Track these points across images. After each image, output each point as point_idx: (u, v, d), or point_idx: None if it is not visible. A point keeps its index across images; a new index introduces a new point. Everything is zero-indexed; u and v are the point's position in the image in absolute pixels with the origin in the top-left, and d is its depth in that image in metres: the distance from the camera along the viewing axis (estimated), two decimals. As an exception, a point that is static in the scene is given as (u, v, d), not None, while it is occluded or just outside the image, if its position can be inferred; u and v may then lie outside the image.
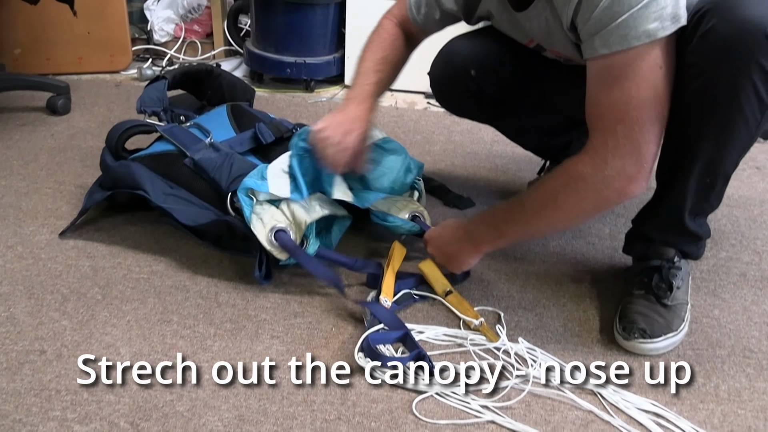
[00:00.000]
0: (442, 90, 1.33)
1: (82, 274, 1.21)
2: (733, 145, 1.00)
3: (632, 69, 0.92)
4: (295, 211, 1.18)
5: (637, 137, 0.94)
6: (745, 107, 0.94)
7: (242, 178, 1.22)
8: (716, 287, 1.27)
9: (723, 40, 0.91)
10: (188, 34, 2.51)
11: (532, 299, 1.21)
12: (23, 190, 1.49)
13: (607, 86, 0.95)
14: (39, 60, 2.24)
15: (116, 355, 1.02)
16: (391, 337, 1.05)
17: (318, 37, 2.25)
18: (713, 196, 1.08)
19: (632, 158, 0.95)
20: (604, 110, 0.96)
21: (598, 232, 1.44)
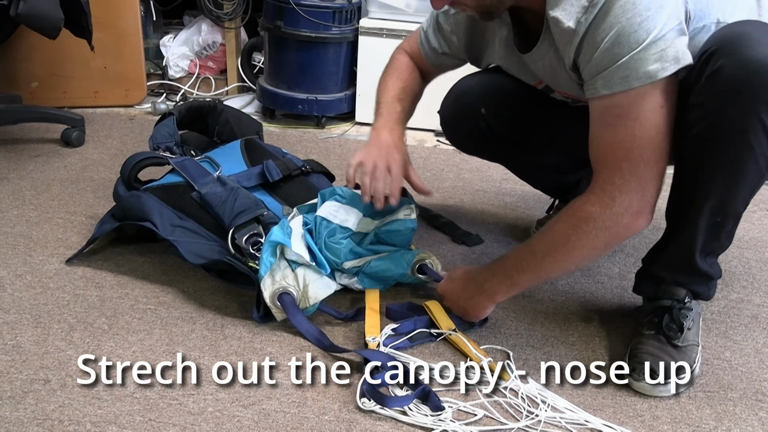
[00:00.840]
0: (451, 128, 1.34)
1: (90, 304, 1.21)
2: (743, 184, 1.00)
3: (634, 109, 0.94)
4: (310, 283, 1.17)
5: (642, 174, 0.96)
6: (755, 146, 0.94)
7: (244, 214, 1.24)
8: (727, 329, 1.26)
9: (731, 80, 0.91)
10: (202, 70, 2.55)
11: (541, 338, 1.19)
12: (35, 219, 1.50)
13: (610, 125, 0.97)
14: (55, 93, 2.28)
15: (120, 386, 1.01)
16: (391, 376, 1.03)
17: (330, 75, 2.28)
18: (724, 235, 1.08)
19: (638, 194, 0.96)
20: (609, 149, 0.97)
21: (607, 271, 1.43)
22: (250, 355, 1.10)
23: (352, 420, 0.97)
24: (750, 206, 1.66)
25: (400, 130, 1.25)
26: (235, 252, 1.23)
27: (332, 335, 1.14)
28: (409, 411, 0.98)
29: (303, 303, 1.17)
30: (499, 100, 1.26)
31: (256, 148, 1.51)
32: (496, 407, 1.01)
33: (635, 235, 1.23)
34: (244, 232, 1.23)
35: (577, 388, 1.07)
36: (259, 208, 1.26)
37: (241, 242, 1.22)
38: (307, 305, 1.17)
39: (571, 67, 1.00)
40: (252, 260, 1.20)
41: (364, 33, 2.26)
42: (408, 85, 1.28)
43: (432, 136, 2.27)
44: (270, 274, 1.15)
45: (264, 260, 1.15)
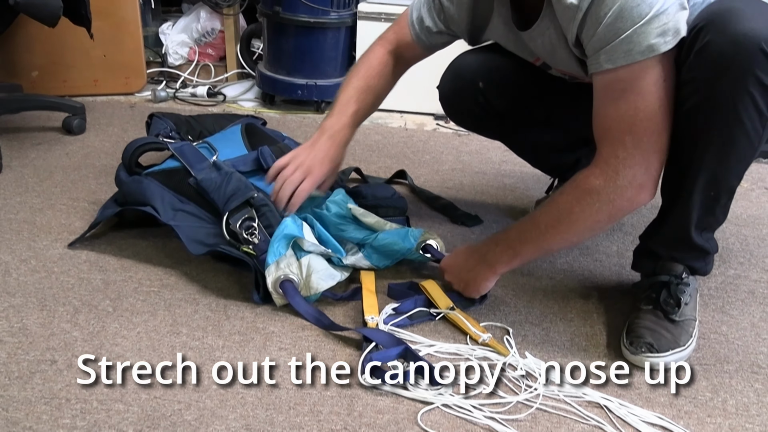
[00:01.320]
0: (450, 103, 1.35)
1: (94, 287, 1.23)
2: (735, 158, 1.01)
3: (637, 83, 0.95)
4: (313, 273, 1.18)
5: (645, 147, 0.97)
6: (745, 120, 0.95)
7: (235, 198, 1.25)
8: (724, 304, 1.27)
9: (719, 55, 0.92)
10: (202, 57, 2.55)
11: (540, 314, 1.21)
12: (38, 206, 1.52)
13: (613, 99, 0.97)
14: (55, 82, 2.29)
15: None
16: (392, 354, 1.05)
17: (329, 60, 2.28)
18: (719, 210, 1.09)
19: (642, 167, 0.98)
20: (612, 123, 0.98)
21: (605, 250, 1.44)
22: (252, 334, 1.12)
23: (354, 395, 0.99)
24: (748, 184, 1.68)
25: (344, 135, 1.27)
26: (230, 238, 1.24)
27: (332, 316, 1.16)
28: (409, 386, 1.00)
29: (305, 292, 1.18)
30: (498, 75, 1.27)
31: (257, 133, 1.52)
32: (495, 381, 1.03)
33: (635, 212, 1.25)
34: (238, 217, 1.24)
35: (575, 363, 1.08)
36: (250, 191, 1.27)
37: (235, 227, 1.23)
38: (308, 294, 1.18)
39: (574, 43, 1.01)
40: (246, 245, 1.22)
41: (363, 17, 2.26)
42: (372, 83, 1.28)
43: (431, 120, 2.28)
44: (276, 262, 1.17)
45: (274, 250, 1.17)
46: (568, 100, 1.24)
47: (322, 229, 1.25)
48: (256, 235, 1.22)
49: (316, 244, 1.20)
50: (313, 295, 1.19)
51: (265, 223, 1.24)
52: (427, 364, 1.01)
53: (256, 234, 1.22)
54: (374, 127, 2.20)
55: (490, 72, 1.27)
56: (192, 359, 1.05)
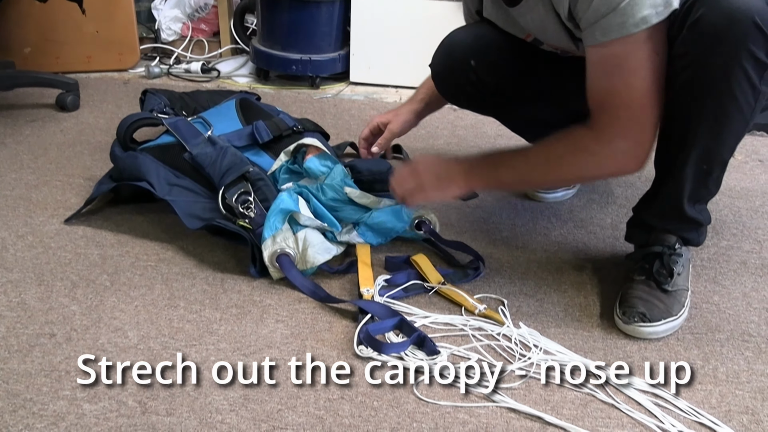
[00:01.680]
0: (442, 80, 1.34)
1: (91, 262, 1.23)
2: (728, 131, 1.01)
3: (631, 59, 0.96)
4: (309, 247, 1.19)
5: (639, 120, 1.00)
6: (738, 94, 0.96)
7: (231, 172, 1.26)
8: (717, 274, 1.28)
9: (712, 29, 0.93)
10: (195, 32, 2.54)
11: (534, 286, 1.22)
12: (33, 182, 1.52)
13: (608, 74, 0.99)
14: (48, 59, 2.28)
15: (124, 338, 1.04)
16: (387, 325, 1.07)
17: (323, 35, 2.27)
18: (711, 182, 1.10)
19: (635, 139, 1.01)
20: (607, 97, 1.00)
21: (600, 222, 1.45)
22: (249, 307, 1.13)
23: (351, 366, 1.00)
24: (741, 157, 1.69)
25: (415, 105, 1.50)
26: (226, 212, 1.24)
27: (328, 288, 1.17)
28: (405, 356, 1.01)
29: (301, 265, 1.19)
30: (489, 52, 1.26)
31: (251, 108, 1.52)
32: (490, 351, 1.04)
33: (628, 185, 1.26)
34: (234, 191, 1.25)
35: (569, 332, 1.10)
36: (245, 165, 1.28)
37: (231, 202, 1.24)
38: (305, 268, 1.19)
39: (567, 17, 1.01)
40: (242, 219, 1.22)
41: (357, -8, 2.25)
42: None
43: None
44: (272, 236, 1.17)
45: (271, 224, 1.18)
46: (560, 76, 1.24)
47: (318, 203, 1.25)
48: (252, 209, 1.23)
49: (312, 218, 1.21)
50: (309, 269, 1.20)
51: (261, 197, 1.25)
52: (424, 337, 1.02)
53: (252, 208, 1.23)
54: (370, 102, 2.19)
55: (481, 49, 1.27)
56: (190, 332, 1.06)
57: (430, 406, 0.93)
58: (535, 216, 1.47)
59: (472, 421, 0.91)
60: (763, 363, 1.05)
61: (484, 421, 0.91)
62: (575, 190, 1.56)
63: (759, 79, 0.95)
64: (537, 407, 0.93)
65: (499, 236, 1.39)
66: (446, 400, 0.94)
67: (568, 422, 0.91)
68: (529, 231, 1.41)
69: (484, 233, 1.39)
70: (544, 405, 0.95)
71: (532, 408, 0.93)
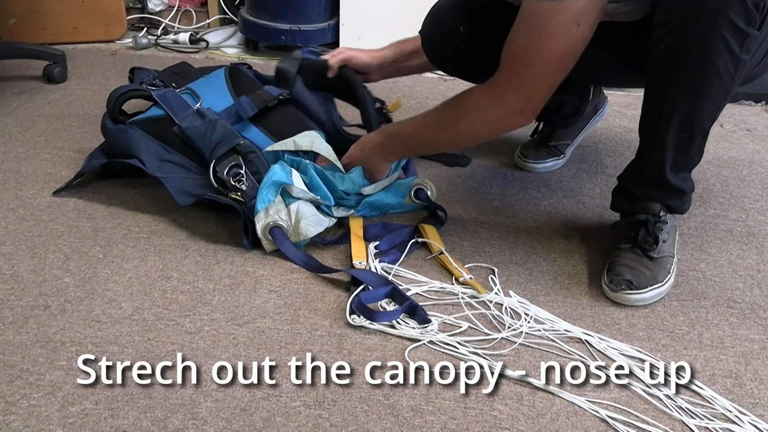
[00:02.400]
0: (432, 48, 1.34)
1: (83, 234, 1.24)
2: (708, 99, 1.02)
3: (551, 22, 0.99)
4: (302, 219, 1.19)
5: (536, 81, 1.05)
6: (718, 62, 0.96)
7: (221, 145, 1.26)
8: (703, 242, 1.30)
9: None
10: (183, 2, 2.50)
11: (523, 255, 1.24)
12: (23, 155, 1.51)
13: (526, 31, 1.03)
14: (34, 30, 2.24)
15: (118, 309, 1.05)
16: (379, 294, 1.08)
17: (312, 4, 2.24)
18: (693, 150, 1.11)
19: (525, 98, 1.07)
20: (517, 51, 1.05)
21: (588, 192, 1.47)
22: (242, 278, 1.14)
23: (343, 334, 1.02)
24: (729, 126, 1.70)
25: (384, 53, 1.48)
26: (218, 185, 1.25)
27: (320, 259, 1.18)
28: (397, 324, 1.03)
29: (293, 237, 1.20)
30: (477, 18, 1.26)
31: (241, 77, 1.50)
32: (481, 319, 1.06)
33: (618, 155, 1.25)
34: (225, 164, 1.25)
35: (557, 300, 1.11)
36: (236, 138, 1.27)
37: (222, 175, 1.24)
38: (297, 240, 1.20)
39: None
40: (234, 192, 1.22)
41: (346, -40, 2.22)
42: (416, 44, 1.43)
43: (417, 65, 2.26)
44: (265, 209, 1.18)
45: (263, 197, 1.18)
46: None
47: (315, 175, 1.25)
48: (244, 181, 1.23)
49: (305, 191, 1.21)
50: (302, 241, 1.20)
51: (253, 170, 1.25)
52: (416, 306, 1.04)
53: (244, 181, 1.23)
54: (359, 72, 2.18)
55: (469, 16, 1.26)
56: (183, 303, 1.07)
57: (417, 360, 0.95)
58: (525, 186, 1.48)
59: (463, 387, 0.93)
60: (747, 328, 1.07)
61: (489, 403, 0.93)
62: (564, 160, 1.57)
63: (739, 47, 0.96)
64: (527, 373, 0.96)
65: (490, 206, 1.40)
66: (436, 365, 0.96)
67: (557, 387, 0.93)
68: (519, 201, 1.42)
69: (475, 203, 1.40)
70: (534, 370, 0.97)
71: (522, 372, 0.95)
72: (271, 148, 1.29)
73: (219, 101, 1.42)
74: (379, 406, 0.90)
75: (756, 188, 1.52)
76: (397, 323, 1.03)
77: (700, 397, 0.94)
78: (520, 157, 1.56)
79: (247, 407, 0.88)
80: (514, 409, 0.90)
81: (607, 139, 1.73)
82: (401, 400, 0.91)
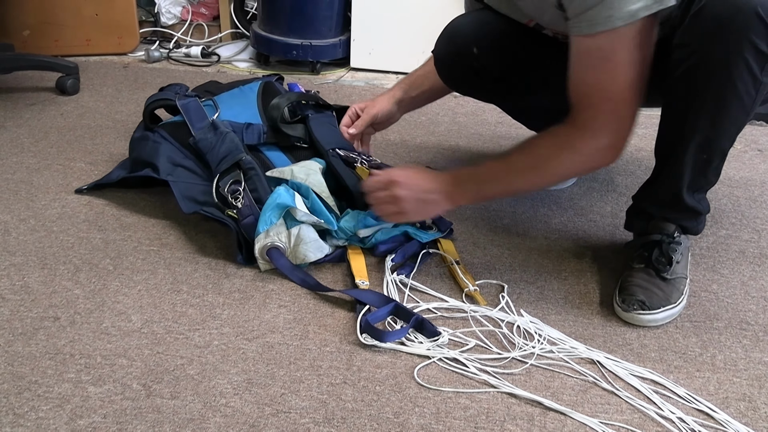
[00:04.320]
0: (445, 68, 1.34)
1: (94, 246, 1.24)
2: (728, 121, 1.02)
3: (617, 52, 0.96)
4: (301, 244, 1.18)
5: (621, 114, 1.01)
6: (739, 85, 0.96)
7: (226, 160, 1.26)
8: (715, 263, 1.29)
9: (715, 19, 0.93)
10: (195, 16, 2.52)
11: (534, 273, 1.23)
12: (34, 166, 1.52)
13: (592, 67, 1.00)
14: (47, 42, 2.27)
15: (128, 322, 1.05)
16: (383, 313, 1.06)
17: (324, 20, 2.26)
18: (711, 171, 1.10)
19: (618, 133, 1.03)
20: (591, 89, 1.01)
21: (599, 210, 1.46)
22: (252, 292, 1.13)
23: (353, 351, 1.01)
24: (741, 146, 1.69)
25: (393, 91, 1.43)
26: (218, 201, 1.24)
27: (321, 279, 1.17)
28: (406, 341, 1.02)
29: (291, 259, 1.18)
30: (492, 39, 1.26)
31: (273, 93, 1.50)
32: (491, 338, 1.05)
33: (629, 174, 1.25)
34: (227, 180, 1.25)
35: (569, 319, 1.11)
36: (239, 152, 1.27)
37: (224, 191, 1.24)
38: (295, 262, 1.19)
39: (556, 4, 1.02)
40: (230, 209, 1.22)
41: (358, -24, 2.24)
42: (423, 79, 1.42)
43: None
44: (266, 231, 1.17)
45: (266, 218, 1.17)
46: (563, 63, 1.24)
47: (317, 198, 1.23)
48: (241, 199, 1.22)
49: (308, 214, 1.19)
50: (301, 264, 1.19)
51: (251, 187, 1.24)
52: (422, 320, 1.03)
53: (241, 198, 1.22)
54: (370, 88, 2.19)
55: (484, 37, 1.27)
56: (193, 316, 1.07)
57: (432, 391, 0.94)
58: (535, 204, 1.48)
59: (473, 406, 0.92)
60: (761, 351, 1.06)
61: (485, 406, 0.92)
62: (575, 178, 1.57)
63: (760, 70, 0.96)
64: (538, 393, 0.95)
65: (500, 223, 1.39)
66: (447, 385, 0.95)
67: (568, 407, 0.92)
68: (530, 218, 1.42)
69: (485, 220, 1.40)
70: (545, 391, 0.96)
71: (533, 393, 0.94)
72: (271, 174, 1.27)
73: (244, 113, 1.42)
74: (389, 424, 0.89)
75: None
76: (407, 339, 1.02)
77: (714, 420, 0.92)
78: (530, 175, 1.56)
79: (255, 423, 0.88)
80: (525, 429, 0.89)
81: (617, 157, 1.72)
82: (411, 418, 0.90)
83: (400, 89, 1.43)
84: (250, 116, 1.42)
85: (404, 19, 2.27)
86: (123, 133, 1.69)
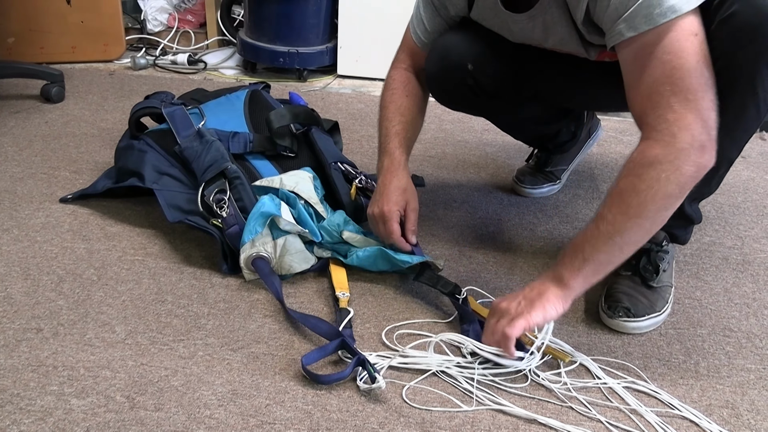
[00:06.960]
0: (438, 85, 1.30)
1: (78, 256, 1.23)
2: (743, 129, 1.02)
3: (667, 43, 0.90)
4: (287, 254, 1.18)
5: (694, 104, 0.89)
6: (759, 92, 0.96)
7: (211, 169, 1.26)
8: (699, 270, 1.30)
9: (745, 26, 0.91)
10: (181, 23, 2.52)
11: (520, 281, 1.23)
12: (18, 175, 1.51)
13: (645, 67, 0.92)
14: (32, 49, 2.25)
15: (112, 333, 1.04)
16: (329, 349, 1.00)
17: (311, 27, 2.26)
18: (715, 180, 1.10)
19: (698, 126, 0.89)
20: (651, 89, 0.92)
21: (585, 217, 1.47)
22: (237, 302, 1.13)
23: (339, 361, 1.01)
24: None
25: (405, 170, 1.24)
26: (203, 210, 1.24)
27: (303, 290, 1.17)
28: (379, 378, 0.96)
29: (276, 270, 1.18)
30: (486, 55, 1.23)
31: (259, 102, 1.50)
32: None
33: (611, 181, 1.24)
34: (212, 189, 1.24)
35: (554, 327, 1.10)
36: (224, 161, 1.27)
37: (209, 200, 1.23)
38: (280, 273, 1.19)
39: (583, 21, 1.00)
40: (215, 218, 1.22)
41: (345, -16, 2.24)
42: (408, 118, 1.26)
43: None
44: (251, 240, 1.17)
45: (251, 228, 1.16)
46: (555, 74, 1.23)
47: (303, 209, 1.23)
48: (225, 208, 1.22)
49: (293, 224, 1.19)
50: (286, 275, 1.19)
51: (236, 196, 1.24)
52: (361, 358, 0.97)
53: (225, 207, 1.22)
54: (357, 95, 2.19)
55: (478, 53, 1.23)
56: (178, 327, 1.06)
57: (417, 401, 0.94)
58: (521, 211, 1.48)
59: (459, 416, 0.92)
60: (743, 358, 1.07)
61: (470, 416, 0.92)
62: (560, 185, 1.58)
63: None
64: (525, 407, 0.95)
65: (486, 231, 1.40)
66: (433, 398, 0.95)
67: (552, 417, 0.93)
68: (515, 226, 1.42)
69: (471, 228, 1.40)
70: (528, 400, 0.96)
71: (519, 407, 0.94)
72: (259, 183, 1.26)
73: (231, 122, 1.42)
74: (367, 402, 0.89)
75: (751, 215, 1.52)
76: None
77: (698, 427, 0.93)
78: (516, 183, 1.57)
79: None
80: (510, 438, 0.90)
81: (602, 164, 1.73)
82: (396, 428, 0.90)
83: (402, 152, 1.25)
84: (236, 125, 1.42)
85: (391, 27, 2.27)
86: (108, 141, 1.68)
